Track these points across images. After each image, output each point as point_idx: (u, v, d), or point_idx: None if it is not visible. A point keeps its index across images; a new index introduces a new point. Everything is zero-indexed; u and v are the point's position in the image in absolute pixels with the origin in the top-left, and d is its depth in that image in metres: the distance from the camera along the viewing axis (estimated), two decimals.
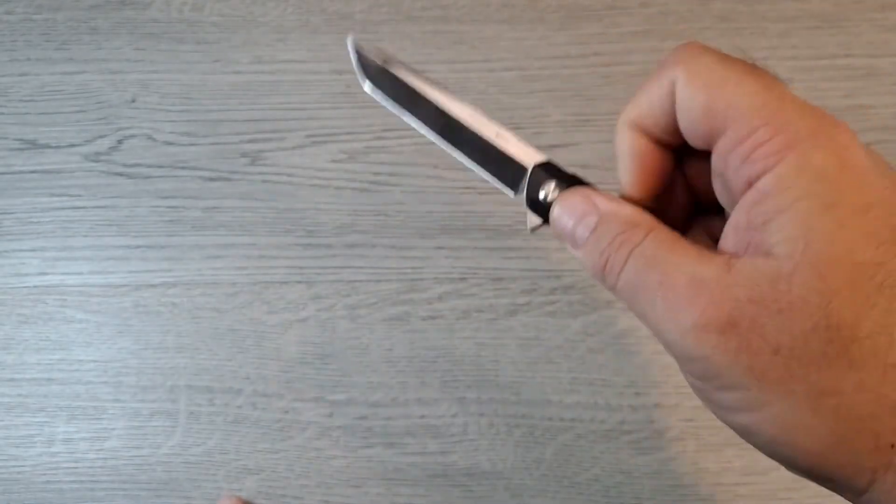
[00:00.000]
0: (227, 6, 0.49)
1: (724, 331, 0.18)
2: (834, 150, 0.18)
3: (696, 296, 0.18)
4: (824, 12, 0.48)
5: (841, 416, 0.17)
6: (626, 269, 0.20)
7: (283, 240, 0.44)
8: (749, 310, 0.18)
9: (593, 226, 0.21)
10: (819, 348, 0.17)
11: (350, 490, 0.40)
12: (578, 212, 0.22)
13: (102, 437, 0.41)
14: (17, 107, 0.47)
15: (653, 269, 0.20)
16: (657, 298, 0.19)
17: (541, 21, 0.48)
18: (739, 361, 0.18)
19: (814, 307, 0.17)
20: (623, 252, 0.20)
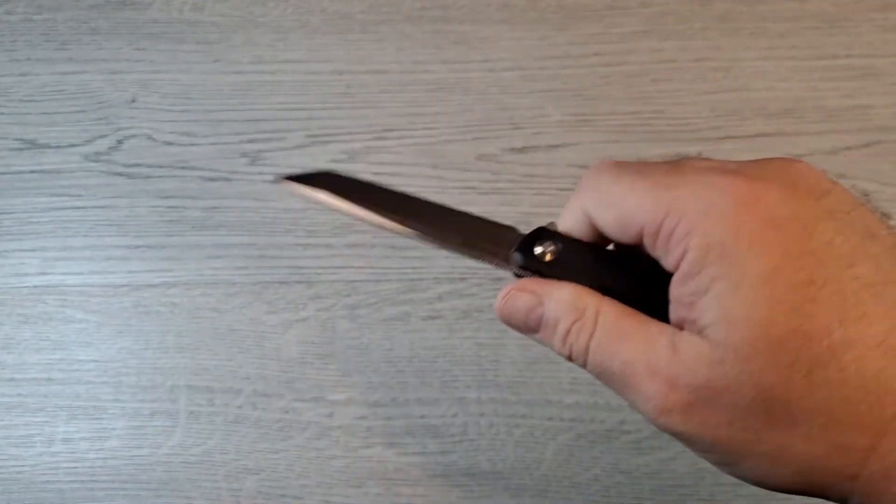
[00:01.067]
0: (228, 6, 0.49)
1: (685, 411, 0.20)
2: (727, 223, 0.19)
3: (654, 383, 0.20)
4: (824, 13, 0.48)
5: (801, 465, 0.19)
6: (589, 361, 0.22)
7: (283, 240, 0.44)
8: (700, 392, 0.20)
9: (543, 320, 0.23)
10: (764, 416, 0.19)
11: (350, 490, 0.40)
12: (524, 304, 0.23)
13: (102, 437, 0.41)
14: (17, 107, 0.47)
15: (611, 359, 0.21)
16: (622, 387, 0.21)
17: (541, 21, 0.48)
18: (705, 434, 0.20)
19: (748, 386, 0.19)
20: (581, 345, 0.22)
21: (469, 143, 0.46)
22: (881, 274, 0.19)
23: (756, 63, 0.47)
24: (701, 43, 0.48)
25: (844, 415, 0.18)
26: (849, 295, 0.19)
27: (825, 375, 0.18)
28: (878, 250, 0.19)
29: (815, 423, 0.19)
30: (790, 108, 0.46)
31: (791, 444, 0.19)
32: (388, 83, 0.47)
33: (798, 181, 0.20)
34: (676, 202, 0.20)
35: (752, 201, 0.19)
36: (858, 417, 0.18)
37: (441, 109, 0.47)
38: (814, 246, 0.19)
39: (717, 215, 0.19)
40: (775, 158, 0.21)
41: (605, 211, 0.22)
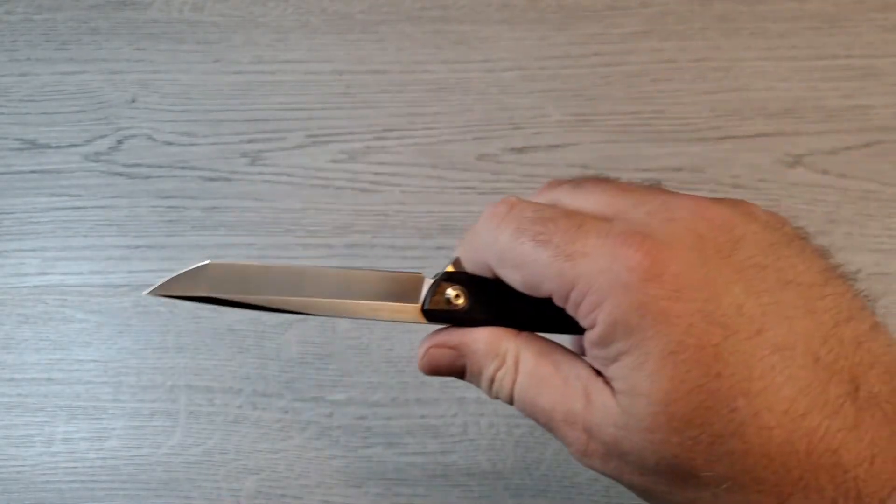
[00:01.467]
0: (227, 6, 0.49)
1: (604, 458, 0.21)
2: (631, 299, 0.19)
3: (573, 430, 0.21)
4: (824, 13, 0.48)
5: None
6: (516, 404, 0.23)
7: (283, 240, 0.44)
8: (610, 447, 0.20)
9: (467, 371, 0.24)
10: (669, 478, 0.20)
11: (350, 490, 0.40)
12: (445, 360, 0.24)
13: (102, 437, 0.41)
14: (17, 107, 0.47)
15: (535, 404, 0.22)
16: (549, 429, 0.22)
17: (541, 21, 0.48)
18: (623, 479, 0.21)
19: (649, 455, 0.19)
20: (506, 392, 0.23)
21: (469, 143, 0.46)
22: (792, 334, 0.19)
23: (756, 63, 0.47)
24: (701, 43, 0.48)
25: (749, 481, 0.19)
26: (756, 364, 0.18)
27: (729, 448, 0.19)
28: (793, 300, 0.19)
29: (721, 486, 0.19)
30: (790, 108, 0.46)
31: (701, 499, 0.20)
32: (388, 83, 0.47)
33: (706, 236, 0.20)
34: (581, 275, 0.20)
35: (658, 274, 0.19)
36: (763, 483, 0.18)
37: (441, 109, 0.47)
38: (721, 315, 0.19)
39: (621, 291, 0.19)
40: (687, 203, 0.21)
41: (511, 271, 0.22)
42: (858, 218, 0.44)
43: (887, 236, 0.44)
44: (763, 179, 0.45)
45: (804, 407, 0.18)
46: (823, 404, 0.18)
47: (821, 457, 0.18)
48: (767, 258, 0.20)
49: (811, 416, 0.18)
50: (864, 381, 0.18)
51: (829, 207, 0.44)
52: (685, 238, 0.20)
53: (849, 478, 0.18)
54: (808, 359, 0.19)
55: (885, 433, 0.18)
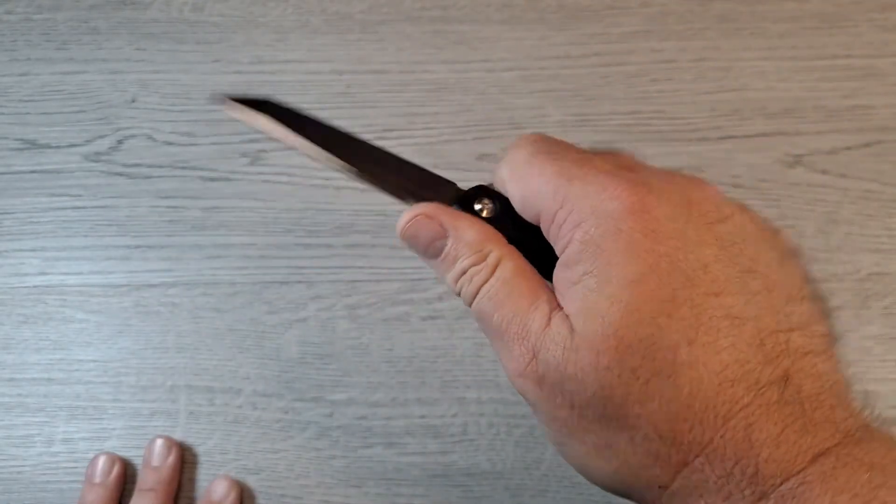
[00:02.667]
0: (228, 6, 0.49)
1: (538, 382, 0.21)
2: (609, 225, 0.20)
3: (520, 346, 0.21)
4: (824, 13, 0.48)
5: (620, 464, 0.20)
6: (476, 304, 0.23)
7: (283, 240, 0.44)
8: (550, 372, 0.21)
9: (443, 252, 0.24)
10: (599, 412, 0.20)
11: (350, 490, 0.40)
12: (429, 233, 0.24)
13: (102, 437, 0.41)
14: (17, 107, 0.47)
15: (496, 310, 0.22)
16: (495, 338, 0.22)
17: (541, 21, 0.48)
18: (547, 408, 0.21)
19: (591, 379, 0.20)
20: (472, 288, 0.23)
21: (469, 143, 0.46)
22: (748, 311, 0.20)
23: (756, 63, 0.47)
24: (701, 43, 0.48)
25: (667, 430, 0.19)
26: (705, 319, 0.19)
27: (661, 389, 0.19)
28: (757, 288, 0.20)
29: (640, 431, 0.20)
30: (790, 107, 0.46)
31: (616, 444, 0.20)
32: (388, 83, 0.47)
33: (696, 202, 0.21)
34: (572, 195, 0.21)
35: (640, 210, 0.20)
36: (679, 435, 0.19)
37: (441, 109, 0.47)
38: (687, 266, 0.20)
39: (603, 215, 0.20)
40: (687, 175, 0.22)
41: (514, 185, 0.23)
42: (858, 218, 0.44)
43: (887, 236, 0.44)
44: (763, 179, 0.45)
45: (736, 376, 0.19)
46: (754, 382, 0.19)
47: (735, 427, 0.19)
48: (748, 246, 0.21)
49: (738, 387, 0.19)
50: (795, 381, 0.19)
51: (829, 207, 0.44)
52: (675, 196, 0.21)
53: (752, 454, 0.19)
54: (754, 339, 0.19)
55: (796, 426, 0.19)
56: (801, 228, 0.44)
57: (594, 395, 0.20)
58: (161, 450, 0.40)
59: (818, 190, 0.45)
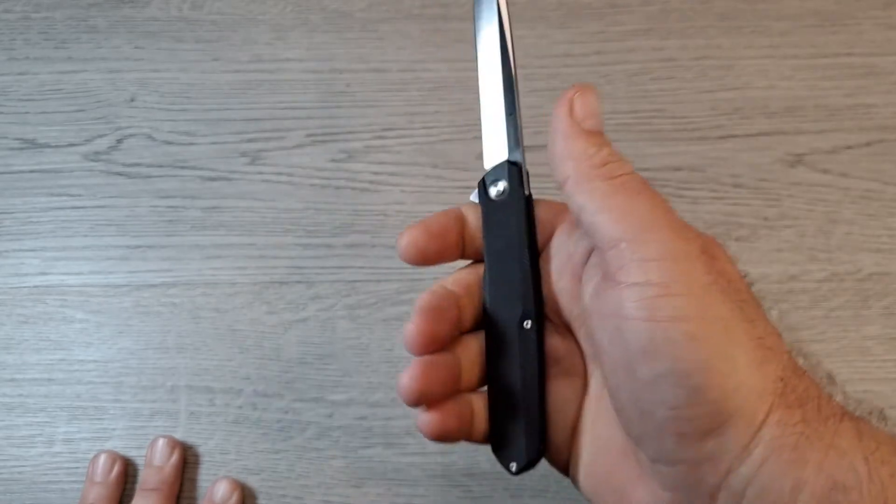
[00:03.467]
0: (226, 4, 0.49)
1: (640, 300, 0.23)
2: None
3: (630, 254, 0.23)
4: (826, 10, 0.48)
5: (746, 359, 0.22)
6: (624, 178, 0.24)
7: (283, 240, 0.44)
8: None
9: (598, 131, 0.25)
10: None
11: (350, 490, 0.40)
12: (597, 110, 0.25)
13: (103, 438, 0.41)
14: (16, 106, 0.47)
15: (637, 198, 0.24)
16: (627, 215, 0.23)
17: (541, 19, 0.48)
18: None
19: None
20: (628, 165, 0.24)
21: (469, 142, 0.46)
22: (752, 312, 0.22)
23: (757, 61, 0.47)
24: (702, 41, 0.47)
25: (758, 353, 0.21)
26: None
27: None
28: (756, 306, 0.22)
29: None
30: (791, 106, 0.46)
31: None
32: (388, 82, 0.47)
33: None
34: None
35: (710, 255, 0.22)
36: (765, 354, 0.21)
37: (441, 108, 0.47)
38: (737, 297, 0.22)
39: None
40: None
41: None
42: (859, 217, 0.44)
43: (888, 236, 0.44)
44: (764, 178, 0.45)
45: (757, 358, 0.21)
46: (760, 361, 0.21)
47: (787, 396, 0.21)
48: None
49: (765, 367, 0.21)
50: (791, 384, 0.21)
51: (829, 207, 0.44)
52: None
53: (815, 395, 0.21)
54: (754, 339, 0.21)
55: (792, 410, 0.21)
56: (802, 228, 0.44)
57: None
58: (164, 449, 0.40)
59: (819, 189, 0.44)
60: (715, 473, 0.21)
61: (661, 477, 0.22)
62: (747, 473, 0.20)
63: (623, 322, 0.21)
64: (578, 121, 0.24)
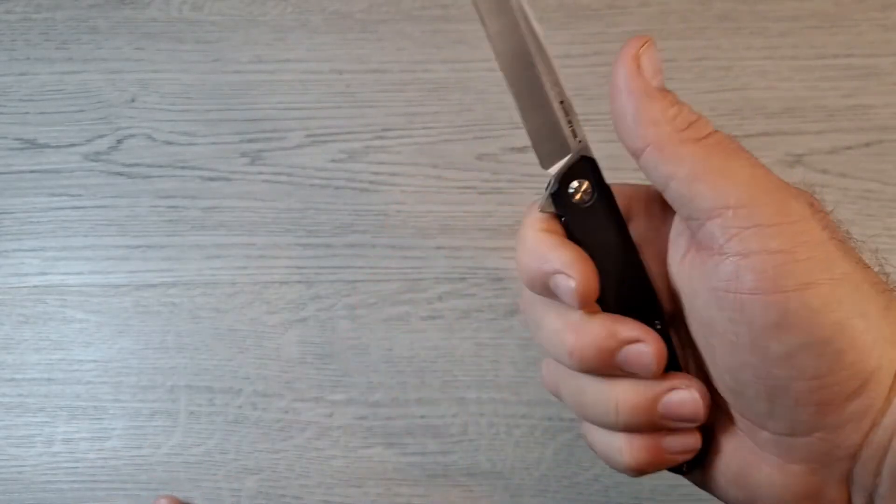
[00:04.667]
0: (227, 5, 0.49)
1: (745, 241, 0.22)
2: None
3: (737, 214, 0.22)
4: (825, 12, 0.48)
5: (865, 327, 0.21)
6: (714, 136, 0.23)
7: (283, 240, 0.44)
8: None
9: None
10: None
11: (350, 490, 0.40)
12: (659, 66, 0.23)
13: (103, 437, 0.41)
14: (16, 106, 0.47)
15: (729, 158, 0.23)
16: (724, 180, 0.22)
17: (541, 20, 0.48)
18: None
19: None
20: (710, 124, 0.23)
21: (469, 142, 0.46)
22: None
23: (756, 62, 0.47)
24: (701, 42, 0.48)
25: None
26: None
27: None
28: None
29: None
30: (791, 107, 0.46)
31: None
32: (388, 82, 0.47)
33: None
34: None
35: (818, 209, 0.22)
36: None
37: (441, 109, 0.47)
38: None
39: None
40: None
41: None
42: (859, 218, 0.44)
43: (888, 236, 0.44)
44: None
45: None
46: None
47: None
48: None
49: None
50: None
51: (829, 207, 0.44)
52: None
53: None
54: (876, 286, 0.21)
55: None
56: None
57: None
58: None
59: (818, 189, 0.44)
60: (857, 433, 0.20)
61: (792, 450, 0.21)
62: (891, 423, 0.20)
63: (746, 298, 0.20)
64: (648, 79, 0.22)
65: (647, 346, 0.22)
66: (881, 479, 0.20)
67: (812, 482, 0.21)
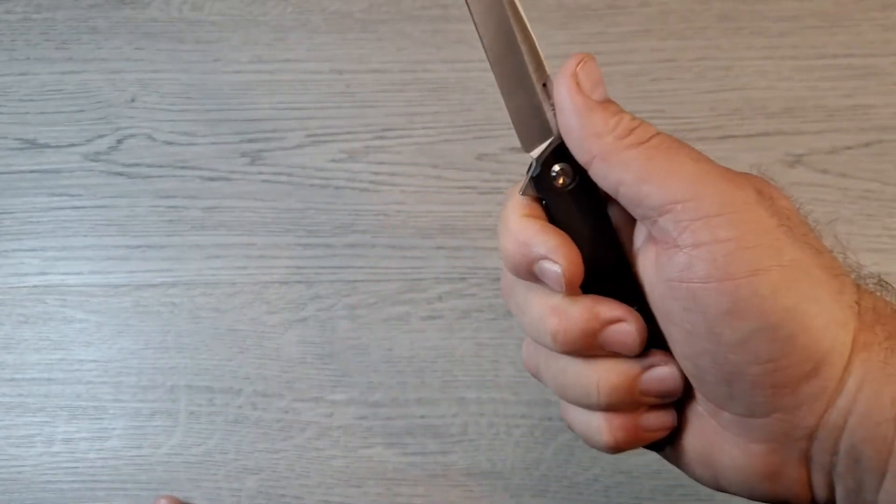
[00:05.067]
0: (227, 5, 0.49)
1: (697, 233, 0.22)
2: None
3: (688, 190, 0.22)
4: (825, 11, 0.48)
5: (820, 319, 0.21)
6: (657, 138, 0.23)
7: (283, 240, 0.44)
8: None
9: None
10: None
11: (350, 490, 0.40)
12: (600, 78, 0.23)
13: (103, 437, 0.41)
14: (16, 106, 0.47)
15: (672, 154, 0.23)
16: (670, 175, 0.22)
17: (541, 20, 0.48)
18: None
19: None
20: (652, 128, 0.23)
21: (469, 142, 0.46)
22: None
23: (756, 62, 0.47)
24: (701, 42, 0.48)
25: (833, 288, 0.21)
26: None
27: None
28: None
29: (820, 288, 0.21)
30: (791, 107, 0.46)
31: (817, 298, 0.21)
32: (388, 82, 0.47)
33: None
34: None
35: (769, 196, 0.22)
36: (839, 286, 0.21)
37: (441, 109, 0.47)
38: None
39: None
40: None
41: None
42: (858, 218, 0.44)
43: (888, 236, 0.44)
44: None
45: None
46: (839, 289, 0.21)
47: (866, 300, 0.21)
48: None
49: None
50: (863, 303, 0.21)
51: (829, 207, 0.44)
52: None
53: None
54: (827, 270, 0.21)
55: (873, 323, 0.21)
56: None
57: None
58: None
59: (818, 189, 0.45)
60: (812, 414, 0.21)
61: (751, 430, 0.22)
62: (845, 404, 0.20)
63: (698, 287, 0.20)
64: (588, 93, 0.23)
65: (629, 325, 0.23)
66: (838, 458, 0.21)
67: (772, 461, 0.22)
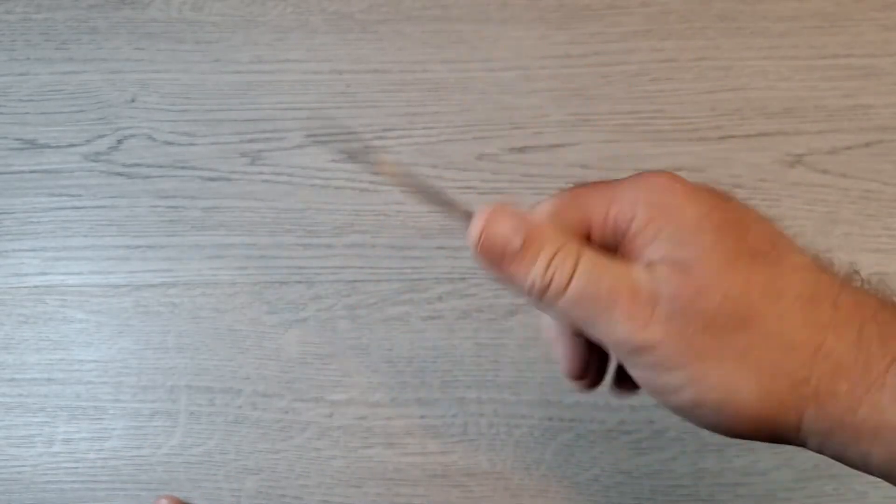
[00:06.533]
0: (227, 6, 0.49)
1: (667, 321, 0.22)
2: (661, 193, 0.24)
3: (637, 301, 0.22)
4: (825, 12, 0.48)
5: (762, 367, 0.22)
6: (571, 287, 0.23)
7: (283, 240, 0.44)
8: (678, 299, 0.22)
9: (518, 250, 0.23)
10: (730, 311, 0.22)
11: (350, 490, 0.40)
12: (502, 238, 0.23)
13: (103, 438, 0.41)
14: (16, 106, 0.47)
15: (597, 284, 0.22)
16: (601, 313, 0.22)
17: (541, 21, 0.48)
18: (682, 344, 0.22)
19: (714, 282, 0.22)
20: (565, 272, 0.23)
21: (469, 142, 0.46)
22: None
23: (756, 62, 0.47)
24: (701, 42, 0.48)
25: (797, 312, 0.22)
26: (776, 236, 0.24)
27: (774, 287, 0.22)
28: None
29: (768, 322, 0.22)
30: (790, 107, 0.46)
31: (753, 346, 0.21)
32: (388, 83, 0.47)
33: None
34: (619, 194, 0.24)
35: (674, 178, 0.23)
36: (802, 319, 0.22)
37: (441, 109, 0.47)
38: (735, 206, 0.23)
39: (650, 189, 0.23)
40: None
41: (557, 205, 0.24)
42: (859, 218, 0.44)
43: (887, 236, 0.44)
44: (763, 179, 0.45)
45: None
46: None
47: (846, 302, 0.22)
48: None
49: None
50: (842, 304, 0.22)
51: (829, 207, 0.44)
52: None
53: (871, 320, 0.22)
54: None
55: None
56: (801, 228, 0.44)
57: (724, 296, 0.21)
58: None
59: (818, 190, 0.45)
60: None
61: None
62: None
63: None
64: (501, 251, 0.23)
65: None
66: None
67: None
